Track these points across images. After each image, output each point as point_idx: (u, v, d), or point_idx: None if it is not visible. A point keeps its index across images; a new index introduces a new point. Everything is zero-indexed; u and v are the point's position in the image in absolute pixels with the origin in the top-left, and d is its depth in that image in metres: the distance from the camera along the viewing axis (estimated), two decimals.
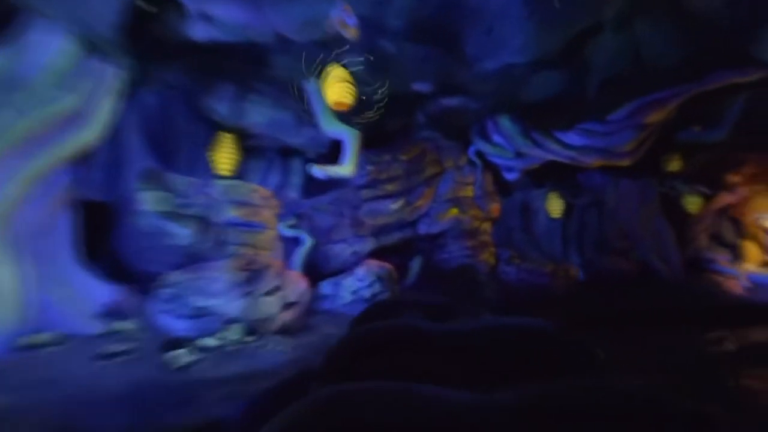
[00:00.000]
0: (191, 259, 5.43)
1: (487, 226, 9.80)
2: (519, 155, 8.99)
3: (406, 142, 8.99)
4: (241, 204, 6.23)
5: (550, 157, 8.59)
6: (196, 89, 6.65)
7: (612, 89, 6.85)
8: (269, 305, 5.17)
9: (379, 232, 8.45)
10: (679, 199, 11.63)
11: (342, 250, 7.79)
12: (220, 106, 6.72)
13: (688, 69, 6.48)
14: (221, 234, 5.87)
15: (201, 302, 4.78)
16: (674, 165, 10.01)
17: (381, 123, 8.13)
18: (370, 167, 8.27)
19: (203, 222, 5.79)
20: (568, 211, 11.42)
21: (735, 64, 6.31)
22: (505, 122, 8.69)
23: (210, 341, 4.58)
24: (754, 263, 11.59)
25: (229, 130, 6.82)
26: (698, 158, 10.02)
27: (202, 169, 6.62)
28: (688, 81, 6.85)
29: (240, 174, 7.01)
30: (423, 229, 9.00)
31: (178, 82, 6.50)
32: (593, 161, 7.93)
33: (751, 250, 12.01)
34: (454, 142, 9.51)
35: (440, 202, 9.24)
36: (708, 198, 11.61)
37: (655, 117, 7.42)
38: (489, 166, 9.81)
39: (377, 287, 6.99)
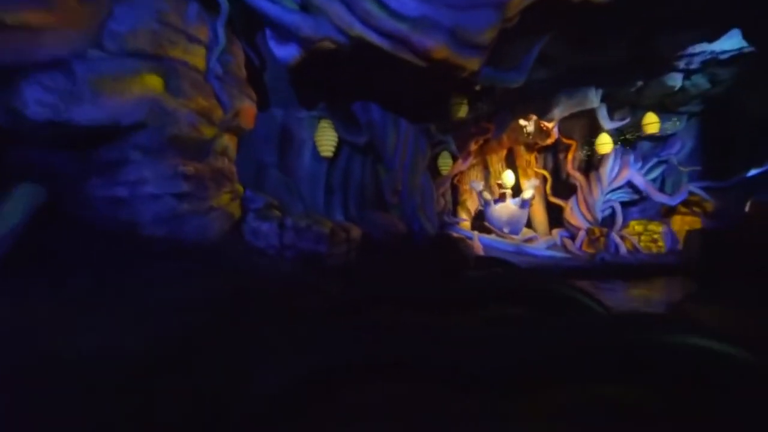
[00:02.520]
0: None
1: (230, 142, 4.93)
2: (308, 10, 4.63)
3: None
4: None
5: (361, 31, 4.72)
6: None
7: None
8: None
9: None
10: (437, 157, 10.94)
11: None
12: None
13: None
14: None
15: None
16: (461, 111, 8.46)
17: None
18: None
19: None
20: (338, 150, 8.32)
21: None
22: None
23: None
24: (465, 227, 12.67)
25: None
26: (482, 108, 8.90)
27: None
28: None
29: None
30: (36, 109, 3.08)
31: None
32: (434, 47, 4.65)
33: (462, 215, 13.49)
34: None
35: (117, 55, 3.57)
36: (454, 162, 11.58)
37: (513, 6, 4.88)
38: (247, 24, 4.93)
39: None
